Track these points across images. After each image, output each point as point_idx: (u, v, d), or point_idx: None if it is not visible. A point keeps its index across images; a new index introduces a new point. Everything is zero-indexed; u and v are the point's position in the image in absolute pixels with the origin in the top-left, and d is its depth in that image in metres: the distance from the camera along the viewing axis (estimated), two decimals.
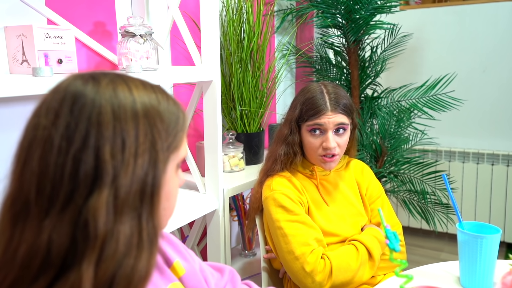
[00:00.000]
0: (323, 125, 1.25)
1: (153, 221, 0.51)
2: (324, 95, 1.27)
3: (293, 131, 1.30)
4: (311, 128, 1.27)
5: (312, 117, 1.26)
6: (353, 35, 2.12)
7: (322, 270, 1.16)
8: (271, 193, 1.28)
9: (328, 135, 1.25)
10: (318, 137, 1.27)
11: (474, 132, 2.71)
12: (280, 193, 1.26)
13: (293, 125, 1.30)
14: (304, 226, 1.22)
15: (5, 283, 0.46)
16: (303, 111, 1.28)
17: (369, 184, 1.40)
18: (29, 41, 1.05)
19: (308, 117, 1.26)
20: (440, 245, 2.80)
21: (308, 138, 1.28)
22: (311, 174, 1.33)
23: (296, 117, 1.29)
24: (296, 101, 1.32)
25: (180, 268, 0.76)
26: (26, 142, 0.49)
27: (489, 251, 0.97)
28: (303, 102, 1.29)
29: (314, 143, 1.27)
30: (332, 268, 1.16)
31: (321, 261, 1.17)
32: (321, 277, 1.15)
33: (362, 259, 1.20)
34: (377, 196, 1.39)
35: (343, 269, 1.17)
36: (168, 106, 0.55)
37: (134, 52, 1.24)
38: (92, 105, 0.49)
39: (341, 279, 1.16)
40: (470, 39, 2.64)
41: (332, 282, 1.16)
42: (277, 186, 1.28)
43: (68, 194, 0.46)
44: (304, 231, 1.21)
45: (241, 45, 1.83)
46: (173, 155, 0.55)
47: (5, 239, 0.48)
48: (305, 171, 1.34)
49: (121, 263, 0.47)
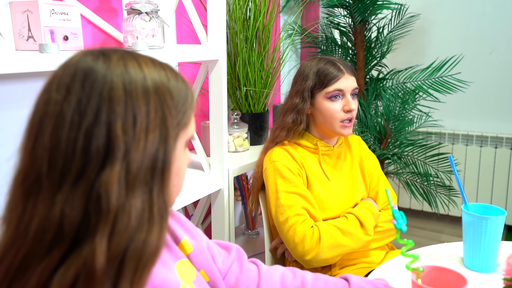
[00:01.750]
0: (343, 89, 1.29)
1: (163, 196, 0.51)
2: (336, 63, 1.31)
3: (305, 99, 1.31)
4: (331, 95, 1.29)
5: (331, 81, 1.29)
6: (360, 15, 2.09)
7: (311, 237, 1.20)
8: (271, 164, 1.31)
9: (347, 98, 1.30)
10: (338, 102, 1.30)
11: (478, 115, 2.70)
12: (280, 164, 1.29)
13: (306, 94, 1.31)
14: (300, 198, 1.25)
15: (18, 256, 0.47)
16: (321, 78, 1.30)
17: (367, 155, 1.45)
18: (35, 17, 1.04)
19: (327, 83, 1.29)
20: (441, 227, 2.82)
21: (327, 105, 1.30)
22: (315, 148, 1.34)
23: (311, 86, 1.31)
24: (305, 73, 1.33)
25: (188, 246, 0.77)
26: (37, 118, 0.49)
27: (494, 232, 0.98)
28: (316, 72, 1.31)
29: (335, 108, 1.30)
30: (321, 234, 1.20)
31: (310, 230, 1.21)
32: (309, 243, 1.20)
33: (351, 226, 1.24)
34: (374, 165, 1.44)
35: (331, 234, 1.21)
36: (177, 84, 0.55)
37: (140, 30, 1.23)
38: (103, 80, 0.49)
39: (330, 243, 1.20)
40: (477, 21, 2.60)
41: (320, 247, 1.19)
42: (277, 157, 1.31)
43: (80, 169, 0.47)
44: (300, 202, 1.24)
45: (247, 24, 1.81)
46: (183, 132, 0.55)
47: (18, 213, 0.48)
48: (308, 145, 1.35)
49: (133, 237, 0.47)
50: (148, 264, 0.49)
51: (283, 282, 0.86)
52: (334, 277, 0.88)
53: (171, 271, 0.69)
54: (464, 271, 1.00)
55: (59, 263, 0.46)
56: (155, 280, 0.64)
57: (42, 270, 0.45)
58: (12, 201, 0.50)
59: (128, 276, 0.47)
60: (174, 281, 0.67)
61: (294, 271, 0.89)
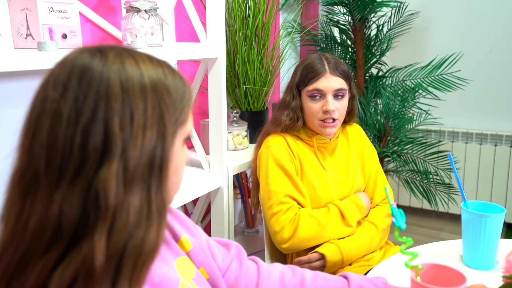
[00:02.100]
0: (322, 90, 1.29)
1: (161, 193, 0.51)
2: (323, 61, 1.32)
3: (295, 96, 1.34)
4: (310, 94, 1.31)
5: (311, 80, 1.30)
6: (359, 12, 2.09)
7: (289, 228, 1.23)
8: (267, 149, 1.33)
9: (327, 98, 1.30)
10: (318, 102, 1.31)
11: (478, 113, 2.70)
12: (275, 149, 1.31)
13: (294, 91, 1.34)
14: (289, 183, 1.27)
15: (17, 254, 0.47)
16: (302, 76, 1.32)
17: (365, 144, 1.46)
18: (33, 15, 1.04)
19: (308, 81, 1.31)
20: (441, 225, 2.82)
21: (308, 103, 1.32)
22: (310, 140, 1.36)
23: (297, 82, 1.34)
24: (296, 69, 1.37)
25: (188, 243, 0.77)
26: (34, 115, 0.49)
27: (493, 230, 0.97)
28: (302, 68, 1.33)
29: (314, 107, 1.31)
30: (298, 226, 1.23)
31: (289, 222, 1.24)
32: (287, 234, 1.24)
33: (331, 218, 1.26)
34: (372, 157, 1.45)
35: (309, 225, 1.24)
36: (174, 81, 0.55)
37: (139, 28, 1.23)
38: (100, 78, 0.49)
39: (306, 234, 1.23)
40: (477, 19, 2.60)
41: (296, 238, 1.23)
42: (272, 143, 1.33)
43: (77, 166, 0.46)
44: (286, 189, 1.26)
45: (246, 22, 1.81)
46: (180, 129, 0.55)
47: (16, 211, 0.48)
48: (305, 137, 1.37)
49: (132, 234, 0.47)
50: (147, 261, 0.49)
51: (282, 279, 0.86)
52: (333, 275, 0.88)
53: (171, 268, 0.69)
54: (463, 268, 1.00)
55: (58, 261, 0.45)
56: (155, 277, 0.64)
57: (41, 268, 0.45)
58: (10, 199, 0.50)
59: (127, 273, 0.47)
60: (173, 278, 0.67)
61: (294, 269, 0.89)
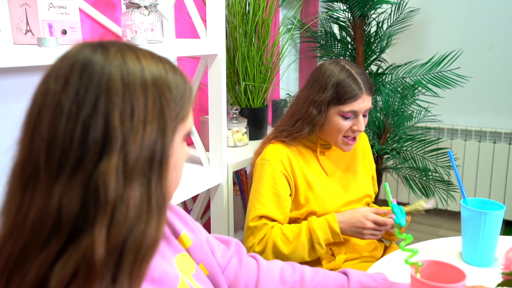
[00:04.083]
0: (357, 111, 1.25)
1: (161, 188, 0.51)
2: (356, 78, 1.25)
3: (322, 112, 1.27)
4: (345, 114, 1.25)
5: (348, 100, 1.24)
6: (359, 9, 2.09)
7: (260, 246, 1.23)
8: (262, 161, 1.31)
9: (359, 119, 1.27)
10: (349, 121, 1.27)
11: (477, 110, 2.70)
12: (270, 165, 1.28)
13: (323, 107, 1.26)
14: (274, 200, 1.26)
15: (17, 247, 0.47)
16: (338, 94, 1.24)
17: (369, 152, 1.47)
18: (33, 10, 1.03)
19: (343, 101, 1.24)
20: (439, 222, 2.82)
21: (338, 120, 1.26)
22: (313, 144, 1.34)
23: (328, 99, 1.25)
24: (323, 82, 1.27)
25: (187, 240, 0.77)
26: (35, 109, 0.49)
27: (492, 227, 0.98)
28: (335, 84, 1.24)
29: (344, 125, 1.26)
30: (266, 246, 1.22)
31: (261, 242, 1.23)
32: (258, 250, 1.24)
33: (301, 238, 1.21)
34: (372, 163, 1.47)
35: (276, 246, 1.22)
36: (175, 77, 0.55)
37: (139, 24, 1.22)
38: (101, 72, 0.49)
39: (274, 253, 1.22)
40: (476, 16, 2.60)
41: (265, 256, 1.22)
42: (270, 155, 1.30)
43: (77, 159, 0.47)
44: (270, 210, 1.25)
45: (246, 18, 1.80)
46: (181, 125, 0.55)
47: (16, 204, 0.48)
48: (308, 143, 1.35)
49: (132, 228, 0.47)
50: (147, 256, 0.49)
51: (282, 276, 0.86)
52: (333, 271, 0.88)
53: (171, 265, 0.69)
54: (462, 265, 1.00)
55: (58, 255, 0.46)
56: (155, 273, 0.64)
57: (41, 262, 0.45)
58: (10, 192, 0.50)
59: (128, 267, 0.47)
60: (173, 274, 0.67)
61: (293, 266, 0.89)
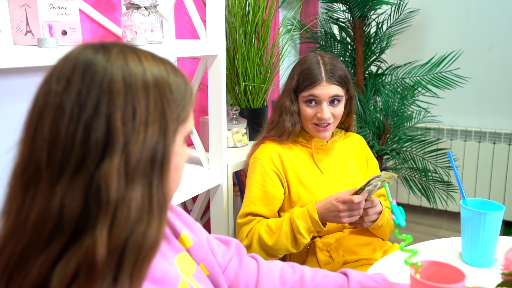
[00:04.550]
0: (318, 96, 1.29)
1: (163, 189, 0.51)
2: (320, 66, 1.30)
3: (293, 101, 1.34)
4: (306, 99, 1.31)
5: (307, 87, 1.30)
6: (359, 10, 2.09)
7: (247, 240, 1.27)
8: (255, 160, 1.34)
9: (322, 106, 1.29)
10: (313, 108, 1.31)
11: (477, 111, 2.70)
12: (261, 164, 1.32)
13: (292, 95, 1.34)
14: (263, 197, 1.29)
15: (18, 248, 0.47)
16: (299, 82, 1.32)
17: (367, 154, 1.46)
18: (33, 11, 1.03)
19: (304, 88, 1.30)
20: (439, 223, 2.83)
21: (304, 107, 1.32)
22: (307, 142, 1.36)
23: (294, 87, 1.33)
24: (293, 71, 1.36)
25: (188, 240, 0.77)
26: (37, 109, 0.49)
27: (492, 227, 0.98)
28: (299, 72, 1.32)
29: (309, 113, 1.31)
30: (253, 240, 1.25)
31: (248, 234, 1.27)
32: (246, 244, 1.27)
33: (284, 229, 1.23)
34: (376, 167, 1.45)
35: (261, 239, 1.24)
36: (176, 79, 0.55)
37: (139, 25, 1.23)
38: (103, 73, 0.49)
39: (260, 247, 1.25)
40: (476, 16, 2.60)
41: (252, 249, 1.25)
42: (262, 154, 1.33)
43: (79, 160, 0.47)
44: (258, 207, 1.28)
45: (246, 19, 1.81)
46: (182, 126, 0.56)
47: (17, 205, 0.48)
48: (302, 140, 1.37)
49: (133, 229, 0.47)
50: (148, 257, 0.49)
51: (282, 276, 0.86)
52: (333, 272, 0.88)
53: (171, 264, 0.69)
54: (462, 266, 1.00)
55: (59, 255, 0.46)
56: (155, 273, 0.64)
57: (42, 262, 0.46)
58: (11, 193, 0.50)
59: (128, 268, 0.47)
60: (174, 274, 0.67)
61: (293, 266, 0.89)
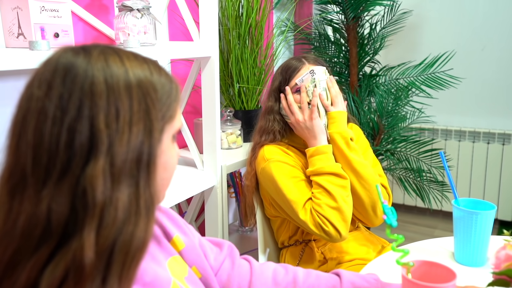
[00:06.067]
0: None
1: (150, 189, 0.51)
2: (301, 57, 1.34)
3: (277, 99, 1.34)
4: (295, 89, 1.31)
5: (292, 74, 1.31)
6: (353, 11, 2.10)
7: (323, 225, 1.19)
8: (266, 162, 1.29)
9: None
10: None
11: (471, 111, 2.71)
12: (276, 160, 1.28)
13: (276, 94, 1.34)
14: (303, 187, 1.25)
15: (7, 254, 0.47)
16: (283, 76, 1.33)
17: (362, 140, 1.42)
18: (25, 14, 1.03)
19: (289, 77, 1.31)
20: (434, 223, 2.84)
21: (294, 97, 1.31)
22: (304, 145, 1.34)
23: (277, 86, 1.34)
24: (275, 74, 1.38)
25: (180, 242, 0.77)
26: (20, 115, 0.49)
27: (483, 227, 0.98)
28: (281, 70, 1.35)
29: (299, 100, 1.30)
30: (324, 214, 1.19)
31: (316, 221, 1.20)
32: (331, 229, 1.19)
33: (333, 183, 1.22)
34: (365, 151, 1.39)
35: (331, 206, 1.20)
36: (160, 78, 0.55)
37: (132, 27, 1.23)
38: (84, 75, 0.49)
39: (336, 215, 1.20)
40: (469, 17, 2.61)
41: (336, 224, 1.19)
42: (270, 154, 1.30)
43: (64, 164, 0.47)
44: (304, 194, 1.23)
45: (239, 20, 1.81)
46: (168, 125, 0.56)
47: (4, 211, 0.48)
48: (298, 144, 1.35)
49: (121, 230, 0.47)
50: (136, 257, 0.49)
51: (275, 278, 0.86)
52: (325, 273, 0.88)
53: (163, 268, 0.69)
54: (454, 265, 1.01)
55: (48, 259, 0.46)
56: (146, 277, 0.64)
57: (31, 267, 0.45)
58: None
59: (117, 269, 0.47)
60: (165, 278, 0.67)
61: (286, 267, 0.89)
